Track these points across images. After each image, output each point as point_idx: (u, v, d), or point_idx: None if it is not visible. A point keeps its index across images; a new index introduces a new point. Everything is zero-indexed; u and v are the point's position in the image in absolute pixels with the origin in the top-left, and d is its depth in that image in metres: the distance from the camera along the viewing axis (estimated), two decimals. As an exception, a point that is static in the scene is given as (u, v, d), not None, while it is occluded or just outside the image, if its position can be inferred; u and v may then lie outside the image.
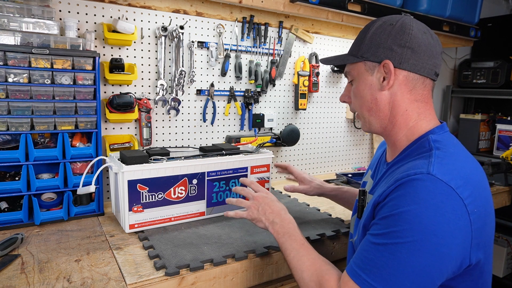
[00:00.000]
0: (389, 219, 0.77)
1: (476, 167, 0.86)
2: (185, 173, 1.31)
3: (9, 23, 1.24)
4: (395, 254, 0.74)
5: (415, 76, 0.90)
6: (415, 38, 0.88)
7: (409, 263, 0.72)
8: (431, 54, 0.90)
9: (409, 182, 0.77)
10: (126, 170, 1.20)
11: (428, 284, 0.74)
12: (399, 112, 0.92)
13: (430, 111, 0.94)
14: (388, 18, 0.94)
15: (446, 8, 2.13)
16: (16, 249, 1.12)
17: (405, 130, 0.93)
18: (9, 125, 1.24)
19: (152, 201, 1.26)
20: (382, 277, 0.74)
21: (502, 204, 2.18)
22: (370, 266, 0.76)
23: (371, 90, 0.94)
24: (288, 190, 1.45)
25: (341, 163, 2.44)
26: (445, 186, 0.74)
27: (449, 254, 0.74)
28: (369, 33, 0.93)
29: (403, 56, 0.89)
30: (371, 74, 0.93)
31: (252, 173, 1.47)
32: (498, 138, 2.73)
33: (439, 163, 0.78)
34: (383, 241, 0.76)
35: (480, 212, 0.77)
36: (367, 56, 0.93)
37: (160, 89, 1.66)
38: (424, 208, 0.73)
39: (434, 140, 0.87)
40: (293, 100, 2.14)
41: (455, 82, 3.13)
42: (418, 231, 0.73)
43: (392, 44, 0.89)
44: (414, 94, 0.91)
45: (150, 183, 1.25)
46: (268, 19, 1.93)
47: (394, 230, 0.75)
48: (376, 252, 0.77)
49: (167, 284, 0.99)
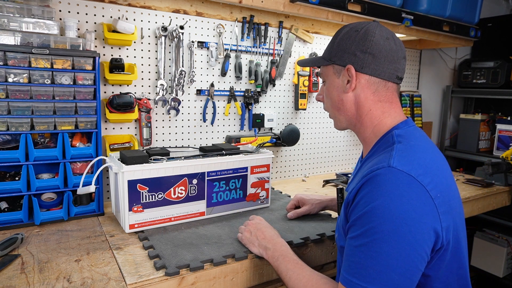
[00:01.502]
0: (362, 218, 0.81)
1: (437, 156, 0.91)
2: (185, 173, 1.31)
3: (9, 23, 1.24)
4: (375, 251, 0.77)
5: (376, 79, 0.97)
6: (376, 45, 0.94)
7: (390, 255, 0.76)
8: (392, 59, 0.95)
9: (373, 178, 0.82)
10: (126, 170, 1.20)
11: (413, 270, 0.78)
12: (364, 112, 0.99)
13: (395, 109, 0.99)
14: (355, 25, 1.00)
15: (446, 8, 2.13)
16: (16, 249, 1.12)
17: (371, 128, 0.99)
18: (9, 125, 1.24)
19: (152, 201, 1.26)
20: (371, 276, 0.77)
21: (502, 204, 2.18)
22: (358, 269, 0.79)
23: (337, 92, 1.01)
24: (292, 217, 1.44)
25: (341, 163, 2.44)
26: (406, 176, 0.79)
27: (423, 238, 0.78)
28: (338, 38, 1.00)
29: (364, 61, 0.95)
30: (338, 77, 1.01)
31: (252, 173, 1.48)
32: (498, 138, 2.73)
33: (399, 156, 0.83)
34: (362, 241, 0.79)
35: (443, 197, 0.82)
36: (334, 60, 1.00)
37: (160, 89, 1.66)
38: (390, 200, 0.78)
39: (397, 134, 0.93)
40: (293, 100, 2.14)
41: (455, 82, 3.13)
42: (389, 223, 0.76)
43: (355, 50, 0.96)
44: (377, 96, 0.98)
45: (150, 183, 1.25)
46: (268, 19, 1.93)
47: (368, 228, 0.79)
48: (359, 253, 0.79)
49: (167, 284, 0.99)
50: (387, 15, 1.90)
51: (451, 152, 3.01)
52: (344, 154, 2.44)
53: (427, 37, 2.24)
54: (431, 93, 2.98)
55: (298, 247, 1.21)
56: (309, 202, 1.47)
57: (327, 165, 2.37)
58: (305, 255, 1.24)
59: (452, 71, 3.12)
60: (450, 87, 3.01)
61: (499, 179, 2.18)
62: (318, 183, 2.08)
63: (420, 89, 2.85)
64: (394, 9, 1.93)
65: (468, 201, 1.93)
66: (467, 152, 2.90)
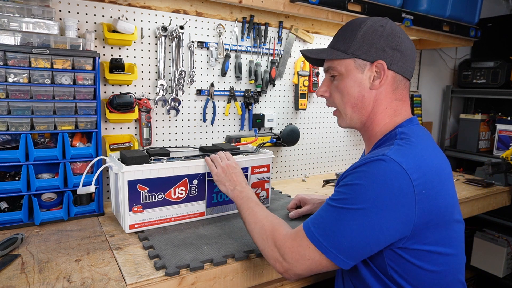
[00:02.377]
0: (343, 187, 0.88)
1: (436, 155, 0.92)
2: (186, 173, 1.31)
3: (9, 23, 1.24)
4: (340, 217, 0.85)
5: (400, 77, 0.97)
6: (403, 42, 0.95)
7: (350, 227, 0.83)
8: (413, 58, 0.98)
9: (368, 163, 0.86)
10: (126, 171, 1.20)
11: (363, 246, 0.84)
12: (379, 110, 0.99)
13: (405, 108, 1.01)
14: (376, 19, 0.98)
15: (446, 8, 2.13)
16: (16, 249, 1.12)
17: (381, 126, 1.00)
18: (9, 125, 1.24)
19: (152, 201, 1.26)
20: (326, 232, 0.86)
21: (502, 204, 2.18)
22: (320, 222, 0.88)
23: (359, 88, 0.97)
24: (293, 217, 1.45)
25: (341, 163, 2.44)
26: (397, 166, 0.82)
27: (387, 225, 0.82)
28: (361, 31, 0.96)
29: (393, 58, 0.94)
30: (361, 72, 0.96)
31: (253, 173, 1.47)
32: (498, 138, 2.73)
33: (397, 149, 0.86)
34: (335, 204, 0.88)
35: (429, 194, 0.84)
36: (358, 53, 0.95)
37: (160, 89, 1.66)
38: (373, 182, 0.83)
39: (400, 132, 0.94)
40: (293, 100, 2.14)
41: (455, 82, 3.13)
42: (363, 201, 0.83)
43: (384, 46, 0.94)
44: (395, 94, 0.98)
45: (150, 183, 1.25)
46: (268, 19, 1.93)
47: (344, 197, 0.86)
48: (328, 213, 0.88)
49: (167, 284, 0.99)
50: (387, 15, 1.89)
51: (451, 152, 3.01)
52: (344, 154, 2.44)
53: (427, 37, 2.24)
54: (431, 93, 2.98)
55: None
56: (311, 202, 1.47)
57: (327, 165, 2.37)
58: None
59: (452, 71, 3.12)
60: (450, 87, 3.01)
61: (499, 179, 2.18)
62: (318, 183, 2.08)
63: (420, 89, 2.85)
64: (394, 9, 1.93)
65: (468, 201, 1.93)
66: (467, 152, 2.90)
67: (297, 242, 0.90)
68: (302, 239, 0.89)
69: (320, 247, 0.86)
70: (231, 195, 1.19)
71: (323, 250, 0.86)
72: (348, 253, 0.85)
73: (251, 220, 1.04)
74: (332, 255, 0.85)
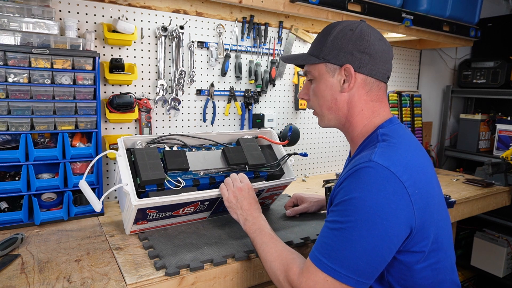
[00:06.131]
0: (340, 205, 0.85)
1: (419, 154, 0.93)
2: (201, 200, 1.23)
3: (9, 23, 1.24)
4: (346, 237, 0.82)
5: (372, 79, 0.98)
6: (372, 45, 0.95)
7: (359, 243, 0.80)
8: (385, 60, 0.98)
9: (355, 172, 0.85)
10: (139, 204, 1.09)
11: (379, 260, 0.82)
12: (355, 112, 0.99)
13: (384, 108, 1.01)
14: (348, 23, 0.99)
15: (446, 8, 2.13)
16: (16, 249, 1.12)
17: (361, 127, 1.00)
18: (9, 125, 1.24)
19: (159, 218, 1.22)
20: (339, 259, 0.81)
21: (502, 204, 2.18)
22: (328, 250, 0.83)
23: (331, 91, 1.00)
24: (290, 215, 1.45)
25: (341, 163, 2.44)
26: (386, 171, 0.82)
27: (393, 232, 0.81)
28: (331, 36, 0.98)
29: (362, 61, 0.95)
30: (332, 76, 0.99)
31: (267, 191, 1.43)
32: (498, 138, 2.73)
33: (381, 152, 0.86)
34: (336, 226, 0.84)
35: (421, 193, 0.84)
36: (328, 58, 0.98)
37: (160, 89, 1.66)
38: (367, 192, 0.81)
39: (381, 133, 0.94)
40: (293, 100, 2.14)
41: (455, 82, 3.13)
42: (363, 213, 0.81)
43: (352, 49, 0.95)
44: (370, 95, 0.99)
45: (160, 208, 1.17)
46: (268, 19, 1.93)
47: (344, 215, 0.83)
48: (333, 237, 0.84)
49: (167, 284, 0.99)
50: (387, 15, 1.90)
51: (451, 152, 3.01)
52: (344, 154, 2.44)
53: (427, 37, 2.24)
54: (431, 93, 2.98)
55: (298, 247, 1.21)
56: (307, 200, 1.48)
57: (327, 165, 2.37)
58: (305, 255, 1.24)
59: (452, 71, 3.12)
60: (450, 87, 3.01)
61: (499, 179, 2.18)
62: (318, 183, 2.08)
63: (420, 89, 2.85)
64: (394, 9, 1.93)
65: (468, 201, 1.93)
66: (467, 152, 2.90)
67: (312, 280, 0.84)
68: (316, 275, 0.83)
69: (339, 277, 0.81)
70: (243, 227, 1.12)
71: (343, 279, 0.81)
72: (367, 274, 0.81)
73: (265, 257, 0.99)
74: (353, 281, 0.80)
